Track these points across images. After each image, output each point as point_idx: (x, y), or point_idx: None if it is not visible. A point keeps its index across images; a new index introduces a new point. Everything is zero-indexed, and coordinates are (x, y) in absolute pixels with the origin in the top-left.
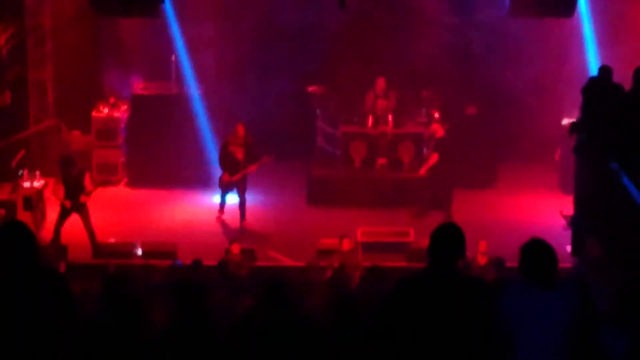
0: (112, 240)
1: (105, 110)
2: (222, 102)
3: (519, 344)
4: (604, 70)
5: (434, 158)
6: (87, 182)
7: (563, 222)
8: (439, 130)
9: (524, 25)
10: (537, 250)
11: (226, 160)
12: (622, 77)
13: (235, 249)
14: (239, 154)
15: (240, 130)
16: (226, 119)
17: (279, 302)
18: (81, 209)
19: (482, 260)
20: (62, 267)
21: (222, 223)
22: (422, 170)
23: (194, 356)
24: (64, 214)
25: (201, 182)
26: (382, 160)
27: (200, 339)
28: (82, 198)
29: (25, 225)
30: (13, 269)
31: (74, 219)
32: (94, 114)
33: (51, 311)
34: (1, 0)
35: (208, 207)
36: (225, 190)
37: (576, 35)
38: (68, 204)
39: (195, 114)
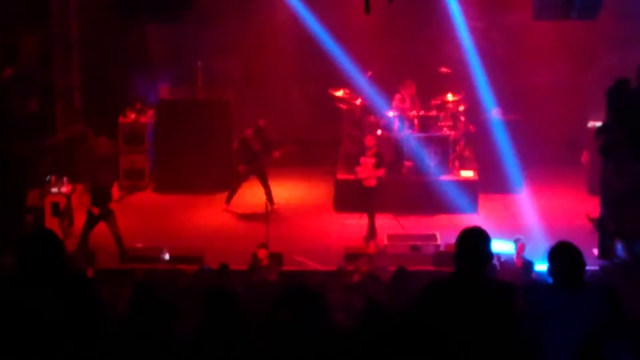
0: (139, 245)
1: (132, 116)
2: (248, 107)
3: (546, 346)
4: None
5: None
6: (114, 189)
7: (590, 224)
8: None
9: (549, 27)
10: (565, 253)
11: (243, 151)
12: None
13: (262, 253)
14: (256, 145)
15: (262, 123)
16: (252, 123)
17: (301, 304)
18: (108, 216)
19: (518, 262)
20: (90, 273)
21: (249, 227)
22: None
23: None
24: (91, 221)
25: (228, 186)
26: (408, 164)
27: (231, 344)
28: (109, 205)
29: (53, 233)
30: (42, 277)
31: (102, 224)
32: (120, 119)
33: (80, 317)
34: (28, 9)
35: (234, 212)
36: (239, 182)
37: (602, 37)
38: (96, 211)
39: (221, 119)
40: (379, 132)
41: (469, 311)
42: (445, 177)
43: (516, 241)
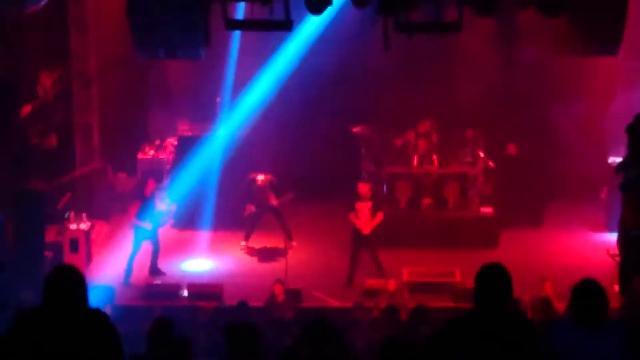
0: (158, 281)
1: (151, 152)
2: (267, 143)
3: None
4: None
5: None
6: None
7: (610, 261)
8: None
9: (569, 63)
10: (589, 290)
11: (251, 191)
12: None
13: (278, 289)
14: (264, 191)
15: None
16: (271, 160)
17: (322, 340)
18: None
19: (557, 304)
20: (108, 310)
21: (268, 264)
22: None
23: None
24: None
25: (245, 223)
26: (427, 200)
27: None
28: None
29: (76, 270)
30: (64, 312)
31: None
32: (139, 155)
33: (100, 354)
34: (47, 45)
35: (252, 248)
36: (251, 220)
37: (622, 73)
38: (149, 226)
39: (239, 155)
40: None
41: (488, 347)
42: (464, 213)
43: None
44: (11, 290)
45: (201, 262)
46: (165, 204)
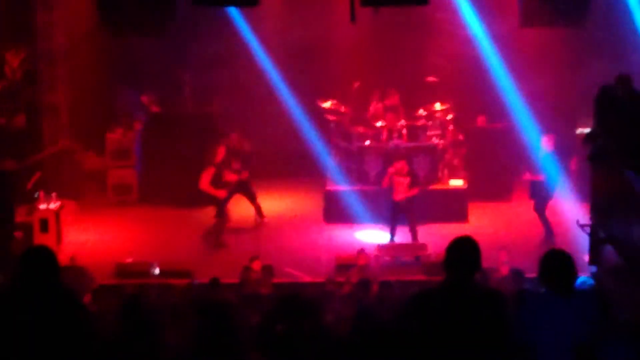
0: (129, 260)
1: (119, 131)
2: (235, 119)
3: (539, 354)
4: (623, 78)
5: None
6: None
7: (580, 231)
8: None
9: (536, 35)
10: (556, 260)
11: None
12: None
13: (257, 265)
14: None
15: (234, 138)
16: (240, 136)
17: (296, 316)
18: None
19: (504, 270)
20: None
21: (239, 240)
22: None
23: None
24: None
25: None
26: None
27: (224, 357)
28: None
29: (48, 250)
30: (35, 293)
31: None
32: (107, 134)
33: (70, 333)
34: (13, 24)
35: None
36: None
37: (588, 45)
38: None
39: (209, 132)
40: (367, 142)
41: (458, 319)
42: (434, 186)
43: (499, 250)
44: None
45: (175, 240)
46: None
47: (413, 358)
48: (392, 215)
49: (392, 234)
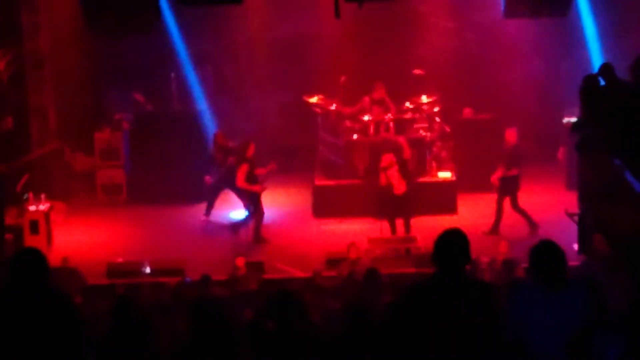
0: (119, 259)
1: (108, 131)
2: (223, 117)
3: (531, 345)
4: (606, 67)
5: None
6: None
7: (569, 220)
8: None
9: (520, 25)
10: (546, 251)
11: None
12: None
13: (240, 262)
14: (219, 157)
15: (219, 135)
16: (228, 133)
17: (286, 312)
18: None
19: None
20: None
21: (230, 237)
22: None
23: None
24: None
25: (205, 197)
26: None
27: (216, 353)
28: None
29: (39, 253)
30: (26, 295)
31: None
32: (96, 134)
33: (62, 335)
34: None
35: (214, 222)
36: (211, 195)
37: (574, 34)
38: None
39: (196, 130)
40: (355, 136)
41: (449, 312)
42: (423, 179)
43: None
44: None
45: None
46: None
47: (404, 352)
48: (394, 210)
49: (393, 228)
